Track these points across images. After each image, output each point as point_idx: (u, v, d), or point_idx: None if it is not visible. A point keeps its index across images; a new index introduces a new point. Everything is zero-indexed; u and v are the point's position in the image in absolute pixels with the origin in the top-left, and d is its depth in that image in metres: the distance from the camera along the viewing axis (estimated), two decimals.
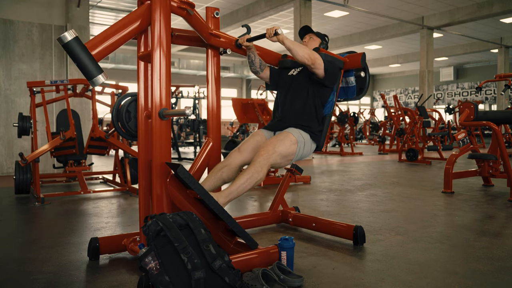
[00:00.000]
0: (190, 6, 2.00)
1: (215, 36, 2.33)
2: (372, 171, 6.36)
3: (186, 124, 11.83)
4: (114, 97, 4.92)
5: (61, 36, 1.59)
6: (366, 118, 16.11)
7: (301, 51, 2.26)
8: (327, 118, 2.52)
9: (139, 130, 2.07)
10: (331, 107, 2.53)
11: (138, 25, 1.87)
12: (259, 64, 2.57)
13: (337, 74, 2.50)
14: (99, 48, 1.70)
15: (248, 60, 2.57)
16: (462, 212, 3.35)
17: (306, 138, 2.38)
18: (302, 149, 2.36)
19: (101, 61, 12.17)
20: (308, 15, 10.09)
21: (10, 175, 6.01)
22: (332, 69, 2.42)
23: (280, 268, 1.86)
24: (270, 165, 2.19)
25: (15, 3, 6.19)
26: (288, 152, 2.28)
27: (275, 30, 2.23)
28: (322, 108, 2.47)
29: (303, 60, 2.28)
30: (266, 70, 2.63)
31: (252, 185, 2.11)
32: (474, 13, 11.72)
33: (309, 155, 2.49)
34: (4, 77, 6.12)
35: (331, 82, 2.45)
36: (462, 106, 4.47)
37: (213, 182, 2.22)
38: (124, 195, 4.36)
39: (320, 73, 2.36)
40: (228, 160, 2.31)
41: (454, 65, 21.45)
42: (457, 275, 1.94)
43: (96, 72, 1.64)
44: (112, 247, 2.26)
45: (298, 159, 2.41)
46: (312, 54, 2.30)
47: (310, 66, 2.32)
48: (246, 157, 2.34)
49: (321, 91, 2.46)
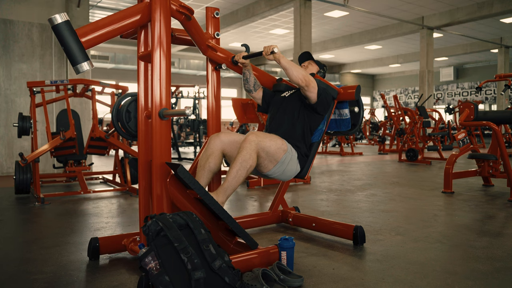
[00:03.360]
0: (189, 12, 2.00)
1: (212, 49, 2.31)
2: (372, 171, 6.36)
3: (186, 124, 11.83)
4: (114, 97, 4.92)
5: (52, 17, 1.55)
6: (366, 118, 16.11)
7: (296, 71, 2.20)
8: (314, 146, 2.42)
9: (139, 130, 2.07)
10: (320, 135, 2.44)
11: (135, 20, 1.85)
12: (253, 83, 2.53)
13: (330, 102, 2.41)
14: (89, 36, 1.67)
15: (243, 77, 2.54)
16: (462, 212, 3.35)
17: (294, 155, 2.27)
18: (287, 163, 2.23)
19: (101, 61, 12.22)
20: (308, 15, 10.10)
21: (10, 175, 6.01)
22: (326, 96, 2.36)
23: (280, 268, 1.86)
24: (257, 151, 2.08)
25: (15, 3, 6.19)
26: (274, 152, 2.16)
27: (272, 49, 2.19)
28: (310, 134, 2.39)
29: (297, 80, 2.21)
30: (259, 91, 2.58)
31: (244, 175, 2.04)
32: (474, 13, 11.73)
33: (290, 178, 2.35)
34: (4, 77, 6.12)
35: (323, 109, 2.37)
36: (462, 106, 4.47)
37: (205, 177, 2.17)
38: (124, 195, 4.36)
39: (313, 97, 2.29)
40: (210, 149, 2.22)
41: (454, 65, 21.46)
42: (457, 275, 1.94)
43: (81, 59, 1.60)
44: (112, 247, 2.26)
45: (278, 175, 2.26)
46: (307, 76, 2.24)
47: (303, 88, 2.24)
48: (226, 146, 2.24)
49: (312, 117, 2.38)
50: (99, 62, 15.60)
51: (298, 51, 10.05)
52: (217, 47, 2.36)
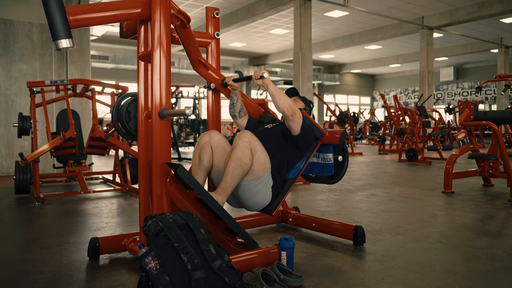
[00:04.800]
0: (185, 18, 1.99)
1: (204, 66, 2.28)
2: (372, 171, 6.36)
3: (186, 124, 11.83)
4: (114, 97, 4.92)
5: None
6: (366, 118, 16.11)
7: (283, 99, 2.16)
8: (288, 182, 2.30)
9: (139, 130, 2.07)
10: (296, 173, 2.33)
11: (132, 13, 1.84)
12: (239, 109, 2.47)
13: (312, 139, 2.35)
14: (79, 16, 1.64)
15: (230, 101, 2.47)
16: (462, 212, 3.35)
17: (270, 182, 2.19)
18: (262, 185, 2.14)
19: (101, 61, 12.21)
20: (308, 15, 10.10)
21: (10, 175, 6.01)
22: (309, 130, 2.31)
23: (280, 268, 1.86)
24: (251, 149, 2.06)
25: (15, 3, 6.19)
26: (260, 162, 2.10)
27: (262, 74, 2.17)
28: (286, 170, 2.29)
29: (283, 109, 2.14)
30: (244, 119, 2.50)
31: (240, 172, 2.03)
32: (474, 13, 11.73)
33: (255, 206, 2.21)
34: (4, 77, 6.12)
35: (304, 145, 2.30)
36: (462, 106, 4.47)
37: (202, 176, 2.19)
38: (124, 195, 4.36)
39: (296, 129, 2.22)
40: (200, 145, 2.22)
41: (454, 65, 21.46)
42: (457, 275, 1.94)
43: (63, 35, 1.55)
44: (112, 247, 2.26)
45: (248, 192, 2.13)
46: (294, 106, 2.19)
47: (289, 117, 2.17)
48: (213, 142, 2.23)
49: (291, 152, 2.29)
50: (99, 62, 15.59)
51: (298, 51, 10.05)
52: (209, 65, 2.32)
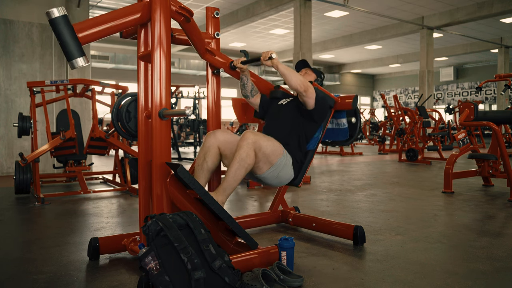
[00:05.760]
0: (188, 13, 1.99)
1: (210, 53, 2.31)
2: (372, 171, 6.36)
3: (186, 124, 11.83)
4: (114, 97, 4.92)
5: (49, 11, 1.53)
6: (366, 118, 16.11)
7: (294, 77, 2.21)
8: (309, 154, 2.41)
9: (139, 130, 2.07)
10: (315, 143, 2.43)
11: (134, 19, 1.85)
12: (250, 89, 2.53)
13: (326, 110, 2.43)
14: (87, 32, 1.66)
15: (240, 83, 2.53)
16: (462, 212, 3.35)
17: (289, 161, 2.26)
18: (281, 168, 2.21)
19: (101, 61, 12.22)
20: (308, 15, 10.10)
21: (10, 175, 6.01)
22: (323, 103, 2.37)
23: (280, 268, 1.86)
24: (255, 149, 2.07)
25: (15, 3, 6.19)
26: (270, 153, 2.13)
27: (270, 55, 2.20)
28: (306, 142, 2.39)
29: (296, 86, 2.22)
30: (256, 97, 2.58)
31: (243, 173, 2.04)
32: (474, 13, 11.73)
33: (282, 184, 2.33)
34: (4, 77, 6.12)
35: (320, 117, 2.38)
36: (462, 106, 4.47)
37: (204, 176, 2.18)
38: (124, 195, 4.36)
39: (310, 103, 2.30)
40: (205, 147, 2.22)
41: (454, 65, 21.46)
42: (457, 275, 1.94)
43: (77, 54, 1.58)
44: (112, 247, 2.26)
45: (271, 178, 2.21)
46: (306, 82, 2.25)
47: (302, 93, 2.25)
48: (222, 145, 2.23)
49: (308, 124, 2.38)
50: (99, 62, 15.59)
51: (298, 51, 10.05)
52: (216, 51, 2.35)
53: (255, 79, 2.60)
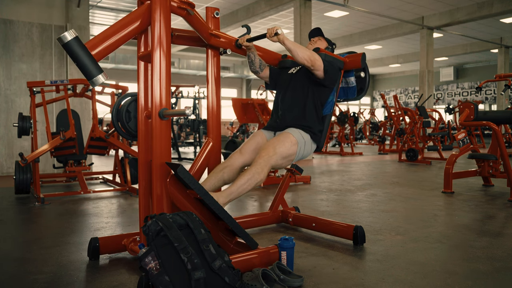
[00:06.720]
0: (190, 6, 2.00)
1: (215, 36, 2.33)
2: (372, 171, 6.36)
3: (186, 124, 11.82)
4: (114, 97, 4.92)
5: (61, 36, 1.58)
6: (366, 118, 16.11)
7: (301, 52, 2.26)
8: (327, 118, 2.50)
9: (139, 130, 2.07)
10: (331, 107, 2.51)
11: (138, 25, 1.87)
12: (258, 64, 2.57)
13: (336, 75, 2.49)
14: (99, 48, 1.71)
15: (248, 60, 2.57)
16: (462, 212, 3.35)
17: (307, 139, 2.38)
18: (303, 150, 2.36)
19: (101, 61, 12.18)
20: (308, 15, 10.09)
21: (10, 175, 6.01)
22: (332, 69, 2.42)
23: (280, 268, 1.86)
24: (271, 166, 2.19)
25: (15, 3, 6.19)
26: (289, 153, 2.28)
27: (276, 30, 2.24)
28: (321, 108, 2.46)
29: (302, 61, 2.28)
30: (265, 70, 2.63)
31: (252, 186, 2.11)
32: (474, 13, 11.72)
33: (310, 155, 2.50)
34: (4, 77, 6.12)
35: (331, 83, 2.44)
36: (462, 106, 4.47)
37: (214, 182, 2.22)
38: (124, 195, 4.36)
39: (319, 75, 2.36)
40: (229, 161, 2.31)
41: (454, 65, 21.45)
42: (457, 275, 1.94)
43: (96, 72, 1.64)
44: (112, 247, 2.26)
45: (299, 159, 2.40)
46: (312, 56, 2.30)
47: (309, 67, 2.31)
48: (247, 158, 2.35)
49: (321, 91, 2.45)
50: (99, 62, 15.61)
51: None
52: (220, 34, 2.37)
53: (261, 53, 2.62)
